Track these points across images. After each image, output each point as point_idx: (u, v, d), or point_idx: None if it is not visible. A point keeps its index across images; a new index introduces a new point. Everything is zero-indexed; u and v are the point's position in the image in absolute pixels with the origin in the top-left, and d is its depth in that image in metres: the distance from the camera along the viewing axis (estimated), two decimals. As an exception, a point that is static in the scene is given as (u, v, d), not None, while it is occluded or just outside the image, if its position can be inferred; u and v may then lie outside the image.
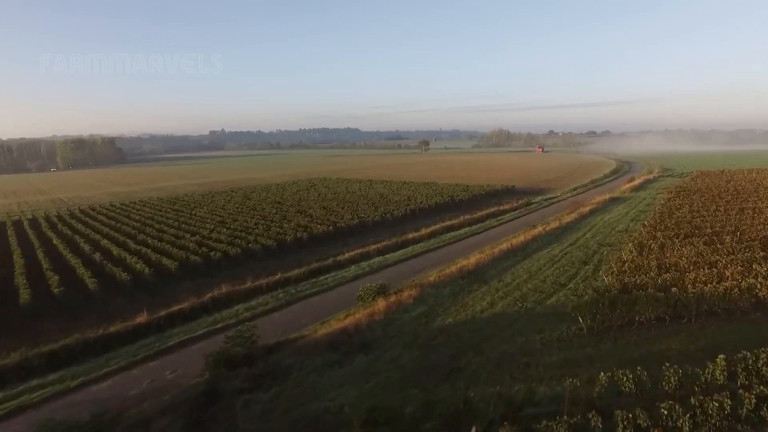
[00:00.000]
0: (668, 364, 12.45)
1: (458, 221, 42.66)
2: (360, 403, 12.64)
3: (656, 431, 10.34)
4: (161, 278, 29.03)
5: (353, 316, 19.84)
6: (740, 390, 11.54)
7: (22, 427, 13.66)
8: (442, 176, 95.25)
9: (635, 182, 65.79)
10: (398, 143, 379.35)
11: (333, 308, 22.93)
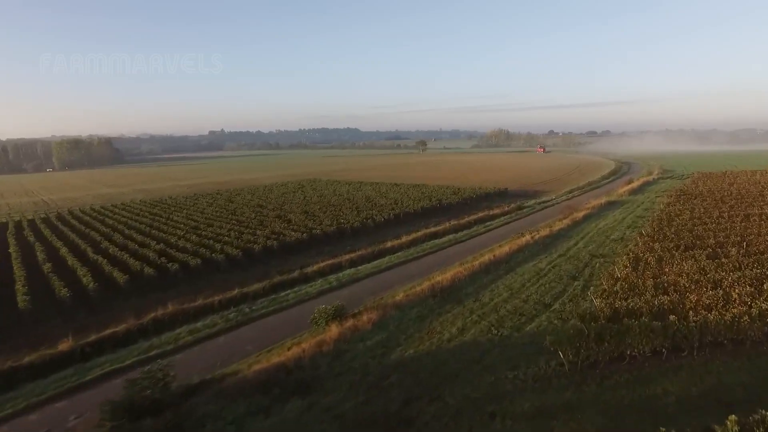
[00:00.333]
0: (664, 429, 9.72)
1: (443, 227, 39.92)
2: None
3: None
4: (108, 294, 26.31)
5: (299, 346, 17.14)
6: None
7: None
8: (436, 177, 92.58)
9: (633, 184, 62.96)
10: (397, 143, 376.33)
11: (286, 331, 20.25)
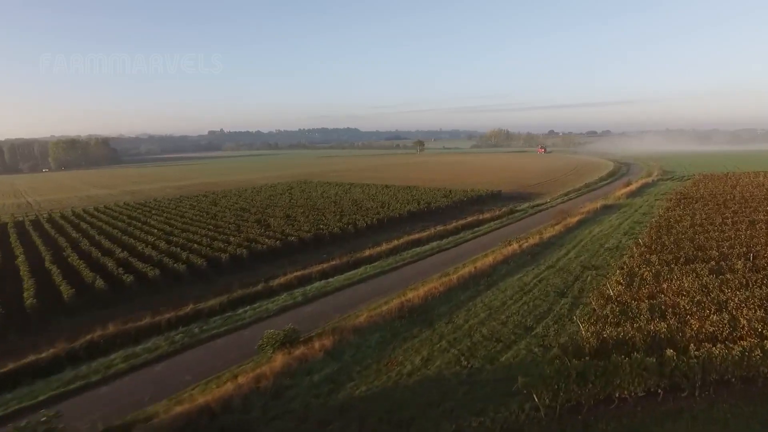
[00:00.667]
0: None
1: (428, 233, 37.50)
2: None
3: None
4: (48, 311, 23.84)
5: (235, 381, 14.72)
6: None
7: None
8: (430, 179, 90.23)
9: (632, 187, 60.46)
10: (396, 143, 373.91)
11: (232, 357, 17.87)
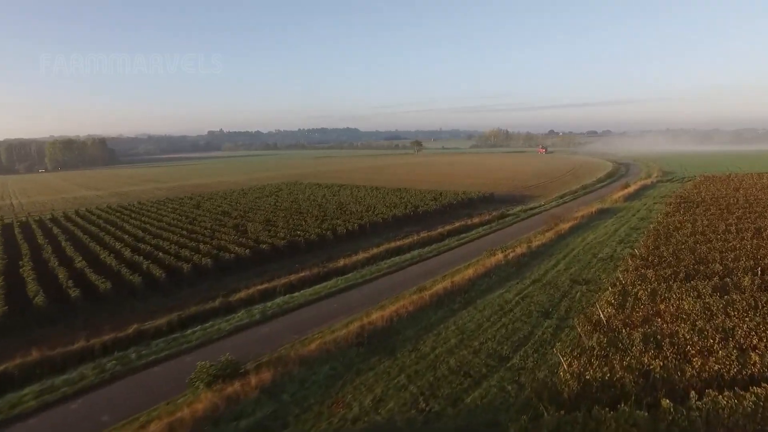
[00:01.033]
0: None
1: (410, 241, 35.06)
2: None
3: None
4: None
5: (146, 430, 12.27)
6: None
7: None
8: (423, 180, 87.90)
9: (630, 189, 57.95)
10: (396, 143, 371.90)
11: (164, 391, 15.42)
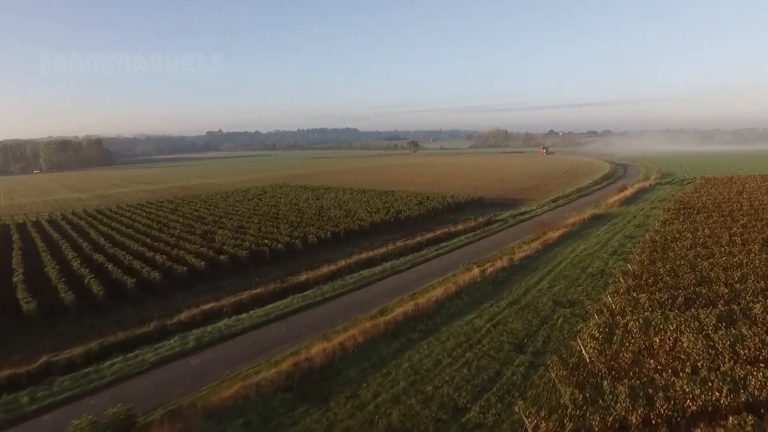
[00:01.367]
0: None
1: (384, 251, 32.11)
2: None
3: None
4: None
5: None
6: None
7: None
8: (414, 182, 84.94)
9: (627, 192, 54.96)
10: (394, 144, 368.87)
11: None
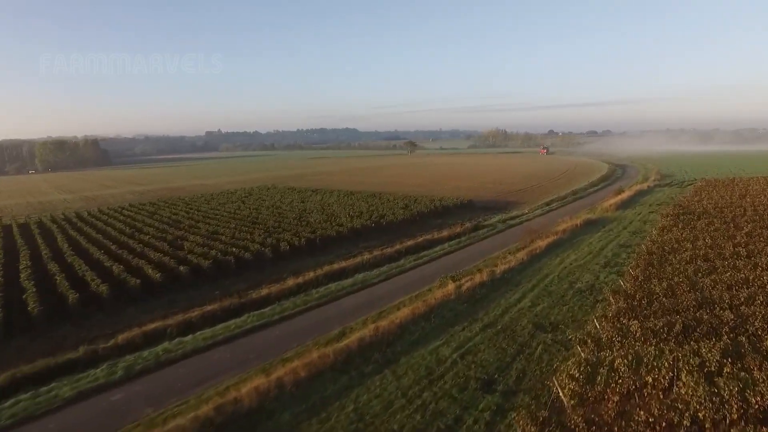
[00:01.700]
0: None
1: (358, 261, 29.64)
2: None
3: None
4: None
5: None
6: None
7: None
8: (406, 183, 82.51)
9: (624, 195, 52.47)
10: (393, 144, 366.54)
11: None
